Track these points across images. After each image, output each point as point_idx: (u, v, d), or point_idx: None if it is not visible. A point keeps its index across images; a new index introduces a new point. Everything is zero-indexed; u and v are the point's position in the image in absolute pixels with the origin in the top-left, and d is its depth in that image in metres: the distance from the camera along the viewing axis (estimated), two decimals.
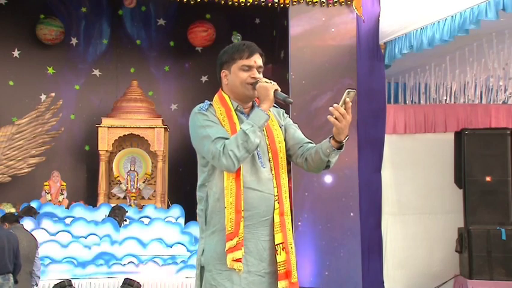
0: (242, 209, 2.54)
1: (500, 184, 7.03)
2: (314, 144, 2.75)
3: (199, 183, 2.71)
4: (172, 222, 7.85)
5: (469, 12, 5.83)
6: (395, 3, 7.14)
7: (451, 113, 7.84)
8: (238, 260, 2.51)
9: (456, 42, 6.37)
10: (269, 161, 2.66)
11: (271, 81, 2.64)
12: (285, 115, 2.86)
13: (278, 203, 2.62)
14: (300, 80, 7.31)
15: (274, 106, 2.82)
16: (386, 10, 7.28)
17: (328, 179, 7.16)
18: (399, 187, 7.50)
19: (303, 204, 7.16)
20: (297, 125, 2.87)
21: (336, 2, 7.30)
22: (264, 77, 2.70)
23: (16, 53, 9.60)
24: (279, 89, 2.62)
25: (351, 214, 7.16)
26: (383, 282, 7.24)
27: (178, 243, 7.42)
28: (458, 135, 7.30)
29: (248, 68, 2.66)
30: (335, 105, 2.50)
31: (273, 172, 2.65)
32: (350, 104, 2.51)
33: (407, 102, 8.21)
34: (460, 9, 5.96)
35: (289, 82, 7.38)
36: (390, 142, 7.44)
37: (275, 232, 2.60)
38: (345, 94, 2.49)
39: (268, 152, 2.67)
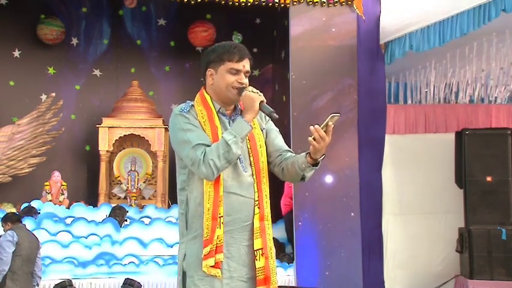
0: (221, 215, 2.50)
1: (501, 184, 7.03)
2: (293, 154, 2.71)
3: (178, 186, 2.66)
4: (173, 222, 7.84)
5: (471, 12, 5.83)
6: (395, 3, 7.13)
7: (451, 113, 7.84)
8: (215, 267, 2.48)
9: (456, 41, 6.36)
10: (251, 165, 2.62)
11: (258, 91, 2.58)
12: (267, 118, 2.79)
13: (258, 207, 2.59)
14: (300, 80, 7.30)
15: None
16: (386, 10, 7.27)
17: (329, 179, 7.15)
18: (400, 187, 7.49)
19: (303, 204, 7.16)
20: (278, 129, 2.82)
21: (336, 2, 7.29)
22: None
23: (17, 53, 9.61)
24: (265, 101, 2.58)
25: (352, 214, 7.16)
26: (384, 282, 7.24)
27: (179, 243, 7.40)
28: (459, 135, 7.30)
29: (236, 71, 2.60)
30: (316, 126, 2.47)
31: (255, 177, 2.61)
32: (332, 127, 2.47)
33: (408, 101, 8.21)
34: (461, 9, 5.97)
35: (290, 82, 7.38)
36: (390, 142, 7.43)
37: (255, 237, 2.57)
38: (328, 118, 2.46)
39: (249, 156, 2.63)
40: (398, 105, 8.08)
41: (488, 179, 7.02)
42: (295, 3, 7.30)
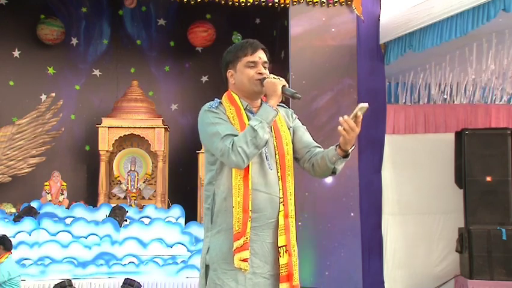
0: (250, 209, 2.53)
1: (501, 184, 7.04)
2: (322, 149, 2.74)
3: (206, 181, 2.70)
4: (173, 222, 7.85)
5: (471, 12, 5.83)
6: (394, 3, 7.14)
7: (451, 113, 7.85)
8: (245, 260, 2.51)
9: (456, 42, 6.37)
10: (276, 162, 2.65)
11: (279, 77, 2.63)
12: (294, 116, 2.85)
13: (283, 205, 2.62)
14: (300, 80, 7.30)
15: (283, 106, 2.82)
16: (386, 10, 7.28)
17: (328, 179, 7.15)
18: (400, 187, 7.50)
19: (303, 204, 7.16)
20: (305, 126, 2.86)
21: (336, 2, 7.30)
22: None
23: (16, 53, 9.60)
24: (287, 85, 2.62)
25: (352, 214, 7.17)
26: (383, 282, 7.24)
27: (179, 243, 7.42)
28: (459, 135, 7.30)
29: (253, 64, 2.66)
30: (345, 117, 2.49)
31: (279, 174, 2.64)
32: (361, 117, 2.49)
33: (407, 102, 8.21)
34: (460, 8, 5.97)
35: (290, 82, 7.37)
36: (390, 142, 7.44)
37: (279, 234, 2.60)
38: (357, 108, 2.47)
39: (275, 153, 2.66)
40: (398, 105, 8.09)
41: (488, 179, 7.03)
42: (295, 3, 7.31)
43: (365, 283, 7.09)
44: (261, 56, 2.68)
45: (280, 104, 2.79)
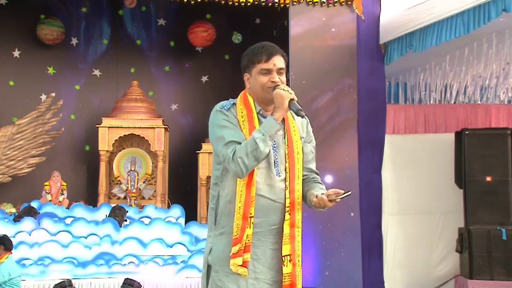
0: (251, 215, 2.52)
1: (501, 184, 7.03)
2: (317, 176, 2.80)
3: (212, 180, 2.71)
4: (173, 222, 7.85)
5: (471, 12, 5.83)
6: (395, 3, 7.13)
7: (451, 113, 7.84)
8: (243, 266, 2.50)
9: (456, 42, 6.37)
10: (285, 170, 2.63)
11: (290, 89, 2.59)
12: (309, 128, 2.82)
13: (289, 214, 2.62)
14: (300, 80, 7.30)
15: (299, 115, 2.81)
16: (386, 10, 7.28)
17: (328, 179, 7.15)
18: (400, 187, 7.49)
19: (303, 204, 7.15)
20: (314, 143, 2.83)
21: (336, 2, 7.29)
22: None
23: (16, 53, 9.60)
24: (296, 99, 2.58)
25: (352, 214, 7.16)
26: (383, 282, 7.24)
27: (179, 243, 7.42)
28: (459, 135, 7.30)
29: (267, 71, 2.62)
30: (324, 197, 2.60)
31: (288, 183, 2.62)
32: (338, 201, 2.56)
33: (407, 102, 8.21)
34: (461, 8, 5.96)
35: (290, 82, 7.38)
36: (390, 142, 7.43)
37: (283, 243, 2.59)
38: (341, 195, 2.57)
39: (285, 161, 2.64)
40: (398, 105, 8.09)
41: (488, 179, 7.02)
42: (295, 3, 7.30)
43: (365, 283, 7.09)
44: (276, 62, 2.63)
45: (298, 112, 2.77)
